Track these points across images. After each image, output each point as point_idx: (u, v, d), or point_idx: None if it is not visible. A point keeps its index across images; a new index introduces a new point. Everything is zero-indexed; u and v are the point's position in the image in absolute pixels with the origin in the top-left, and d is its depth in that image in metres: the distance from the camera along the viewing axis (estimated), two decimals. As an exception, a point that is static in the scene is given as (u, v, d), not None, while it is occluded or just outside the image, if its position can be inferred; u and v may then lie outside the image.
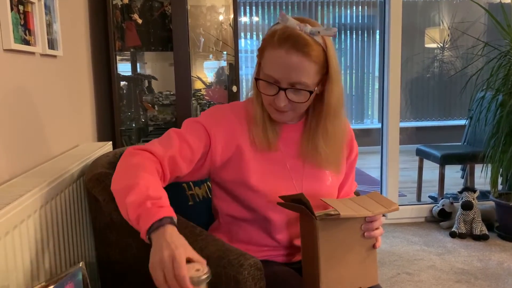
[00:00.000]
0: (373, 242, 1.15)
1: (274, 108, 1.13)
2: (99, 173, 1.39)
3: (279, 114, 1.15)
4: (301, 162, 1.22)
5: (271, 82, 1.09)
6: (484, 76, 3.01)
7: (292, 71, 1.07)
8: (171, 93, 2.64)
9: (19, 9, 1.34)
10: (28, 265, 1.13)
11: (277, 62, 1.07)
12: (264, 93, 1.12)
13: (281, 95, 1.09)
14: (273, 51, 1.07)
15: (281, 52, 1.06)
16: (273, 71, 1.08)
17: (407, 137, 6.19)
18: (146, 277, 1.26)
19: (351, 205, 1.08)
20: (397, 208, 1.11)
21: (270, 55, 1.08)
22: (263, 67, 1.11)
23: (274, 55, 1.07)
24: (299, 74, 1.07)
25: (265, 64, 1.10)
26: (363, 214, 1.07)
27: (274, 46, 1.07)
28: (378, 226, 1.13)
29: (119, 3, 2.49)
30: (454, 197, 3.26)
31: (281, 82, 1.09)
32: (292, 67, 1.06)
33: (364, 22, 6.73)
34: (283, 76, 1.07)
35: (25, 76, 1.41)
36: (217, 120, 1.17)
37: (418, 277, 2.46)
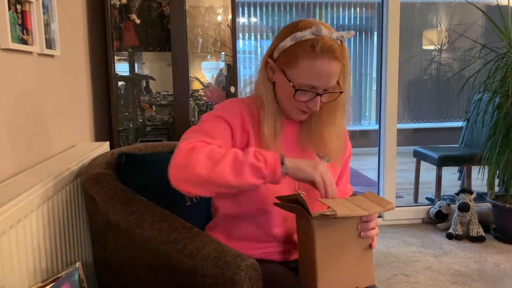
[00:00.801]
0: (369, 242, 1.16)
1: (302, 110, 1.19)
2: (97, 173, 1.39)
3: (303, 115, 1.22)
4: (299, 156, 1.25)
5: (308, 89, 1.15)
6: (481, 78, 3.02)
7: (331, 78, 1.15)
8: (169, 94, 2.64)
9: (17, 8, 1.34)
10: (24, 265, 1.12)
11: (319, 72, 1.13)
12: (299, 100, 1.17)
13: (317, 99, 1.17)
14: (314, 62, 1.12)
15: (324, 63, 1.12)
16: (316, 81, 1.14)
17: (404, 138, 6.20)
18: (143, 277, 1.26)
19: (347, 205, 1.09)
20: (393, 207, 1.12)
21: (310, 66, 1.13)
22: (298, 77, 1.15)
23: (317, 66, 1.12)
24: (335, 78, 1.16)
25: (304, 74, 1.14)
26: (359, 214, 1.07)
27: (316, 57, 1.12)
28: (374, 226, 1.15)
29: (117, 3, 2.48)
30: (451, 198, 3.27)
31: (320, 89, 1.16)
32: (332, 74, 1.14)
33: (362, 23, 6.74)
34: (324, 83, 1.15)
35: (22, 76, 1.41)
36: (233, 113, 1.20)
37: (414, 278, 2.46)
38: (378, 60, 3.34)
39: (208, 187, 1.04)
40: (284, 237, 1.26)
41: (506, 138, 2.92)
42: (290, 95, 1.17)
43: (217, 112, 1.20)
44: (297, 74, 1.14)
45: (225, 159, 1.03)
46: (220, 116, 1.18)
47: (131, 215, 1.25)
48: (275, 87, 1.22)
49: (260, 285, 1.12)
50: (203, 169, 1.01)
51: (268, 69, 1.21)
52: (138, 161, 1.45)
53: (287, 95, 1.18)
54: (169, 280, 1.20)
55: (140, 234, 1.22)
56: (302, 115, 1.21)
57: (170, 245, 1.18)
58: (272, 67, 1.20)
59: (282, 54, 1.17)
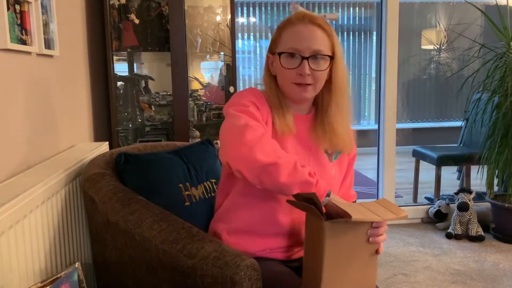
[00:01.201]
0: (377, 247, 1.16)
1: (297, 84, 1.22)
2: (96, 173, 1.39)
3: (302, 91, 1.23)
4: (308, 151, 1.27)
5: (294, 53, 1.20)
6: (480, 77, 3.02)
7: (312, 40, 1.20)
8: (168, 94, 2.64)
9: (16, 8, 1.33)
10: (23, 266, 1.12)
11: (298, 34, 1.20)
12: (288, 67, 1.21)
13: (305, 63, 1.20)
14: (292, 28, 1.22)
15: (301, 26, 1.21)
16: (296, 43, 1.20)
17: (403, 138, 6.20)
18: (142, 278, 1.26)
19: (361, 210, 1.09)
20: (406, 216, 1.11)
21: (290, 31, 1.22)
22: (282, 46, 1.22)
23: (295, 30, 1.21)
24: (318, 42, 1.20)
25: (286, 41, 1.22)
26: (372, 219, 1.07)
27: (293, 23, 1.22)
28: (383, 232, 1.15)
29: (116, 3, 2.48)
30: (450, 198, 3.27)
31: (303, 52, 1.20)
32: (312, 36, 1.20)
33: (361, 23, 6.75)
34: (305, 45, 1.19)
35: (21, 76, 1.40)
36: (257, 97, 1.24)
37: (414, 278, 2.47)
38: (377, 60, 3.34)
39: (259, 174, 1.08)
40: (290, 229, 1.26)
41: (505, 138, 2.93)
42: (283, 70, 1.22)
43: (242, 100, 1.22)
44: (281, 45, 1.23)
45: (287, 159, 1.09)
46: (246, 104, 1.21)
47: (131, 215, 1.25)
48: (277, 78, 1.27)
49: (260, 285, 1.12)
50: (268, 157, 1.07)
51: (269, 64, 1.28)
52: (137, 161, 1.45)
53: (281, 72, 1.24)
54: (169, 280, 1.20)
55: (140, 234, 1.22)
56: (300, 90, 1.23)
57: (170, 245, 1.18)
58: (270, 58, 1.27)
59: (272, 42, 1.27)
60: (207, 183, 1.56)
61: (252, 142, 1.08)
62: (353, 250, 1.11)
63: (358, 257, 1.12)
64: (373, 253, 1.15)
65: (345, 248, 1.10)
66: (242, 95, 1.24)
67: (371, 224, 1.12)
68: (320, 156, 1.29)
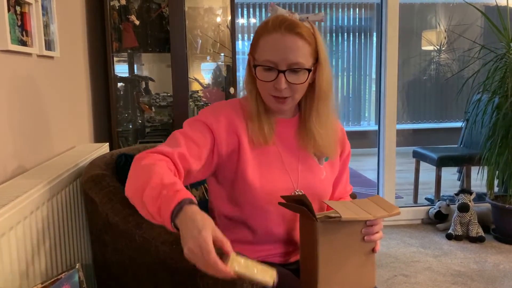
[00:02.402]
0: (373, 246, 1.14)
1: (274, 96, 1.16)
2: (96, 175, 1.39)
3: (279, 103, 1.17)
4: (297, 156, 1.24)
5: (270, 66, 1.13)
6: (480, 78, 3.03)
7: (289, 52, 1.11)
8: (168, 95, 2.64)
9: (16, 10, 1.34)
10: (24, 267, 1.12)
11: (274, 45, 1.11)
12: (264, 80, 1.14)
13: (281, 77, 1.12)
14: (268, 37, 1.12)
15: (277, 35, 1.11)
16: (271, 55, 1.12)
17: (403, 139, 6.20)
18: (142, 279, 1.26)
19: (353, 208, 1.08)
20: (399, 213, 1.10)
21: (266, 41, 1.13)
22: (259, 56, 1.15)
23: (270, 39, 1.12)
24: (296, 54, 1.11)
25: (262, 51, 1.14)
26: (364, 218, 1.06)
27: (269, 31, 1.12)
28: (378, 230, 1.13)
29: (117, 4, 2.48)
30: (450, 199, 3.27)
31: (280, 65, 1.12)
32: (289, 48, 1.11)
33: (361, 24, 6.75)
34: (281, 57, 1.11)
35: (22, 77, 1.41)
36: (216, 115, 1.19)
37: (414, 279, 2.46)
38: (377, 61, 3.34)
39: None
40: (285, 237, 1.25)
41: (506, 139, 2.93)
42: (259, 81, 1.16)
43: (200, 116, 1.20)
44: (258, 54, 1.15)
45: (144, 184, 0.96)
46: (201, 120, 1.18)
47: (131, 216, 1.25)
48: None
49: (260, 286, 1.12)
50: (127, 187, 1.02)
51: (250, 65, 1.21)
52: (138, 162, 1.45)
53: (258, 82, 1.18)
54: (169, 281, 1.20)
55: (140, 235, 1.22)
56: (275, 103, 1.17)
57: (170, 246, 1.18)
58: (250, 60, 1.20)
59: (252, 45, 1.19)
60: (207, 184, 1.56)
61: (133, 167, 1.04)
62: (347, 249, 1.10)
63: (353, 256, 1.11)
64: (369, 251, 1.14)
65: (340, 247, 1.09)
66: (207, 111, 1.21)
67: (364, 223, 1.11)
68: (308, 160, 1.25)
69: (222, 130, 1.17)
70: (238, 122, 1.19)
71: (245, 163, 1.18)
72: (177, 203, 0.90)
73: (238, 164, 1.19)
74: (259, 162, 1.20)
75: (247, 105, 1.21)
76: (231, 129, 1.18)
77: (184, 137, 1.13)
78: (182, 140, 1.12)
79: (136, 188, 0.99)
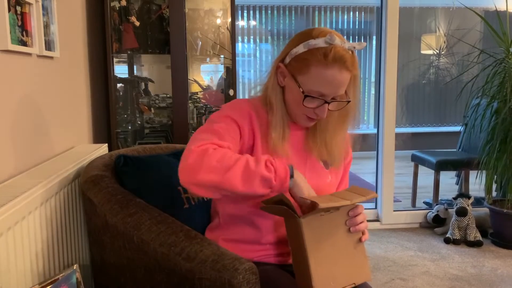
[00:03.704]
0: (359, 235, 1.17)
1: (309, 116, 1.21)
2: (95, 175, 1.39)
3: (310, 122, 1.23)
4: (304, 158, 1.27)
5: (317, 96, 1.17)
6: (479, 83, 3.03)
7: (340, 86, 1.17)
8: (168, 96, 2.64)
9: (17, 10, 1.34)
10: (22, 267, 1.12)
11: (330, 81, 1.15)
12: (308, 106, 1.18)
13: (325, 107, 1.18)
14: (326, 71, 1.14)
15: (335, 72, 1.14)
16: (325, 89, 1.16)
17: (402, 142, 6.21)
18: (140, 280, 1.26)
19: (330, 198, 1.10)
20: (376, 195, 1.14)
21: (322, 73, 1.14)
22: (308, 83, 1.17)
23: (328, 74, 1.14)
24: (344, 87, 1.18)
25: (314, 81, 1.16)
26: (341, 204, 1.08)
27: (327, 66, 1.14)
28: (362, 219, 1.17)
29: (117, 5, 2.49)
30: (448, 203, 3.27)
31: (328, 97, 1.17)
32: (342, 83, 1.16)
33: (360, 27, 6.76)
34: (333, 92, 1.17)
35: (21, 77, 1.41)
36: (241, 112, 1.22)
37: (412, 282, 2.46)
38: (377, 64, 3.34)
39: (218, 191, 1.06)
40: (278, 242, 1.27)
41: (504, 143, 2.93)
42: (299, 101, 1.18)
43: (226, 112, 1.21)
44: (308, 80, 1.16)
45: (236, 166, 1.05)
46: (229, 116, 1.19)
47: (129, 217, 1.25)
48: (285, 91, 1.23)
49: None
50: (214, 175, 1.03)
51: (278, 74, 1.23)
52: (137, 164, 1.45)
53: (296, 100, 1.20)
54: (167, 283, 1.20)
55: (138, 237, 1.22)
56: (309, 121, 1.23)
57: (168, 247, 1.18)
58: (283, 72, 1.22)
59: (294, 60, 1.19)
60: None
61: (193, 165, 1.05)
62: (335, 242, 1.12)
63: (342, 248, 1.14)
64: (357, 241, 1.16)
65: (326, 241, 1.11)
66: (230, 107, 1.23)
67: (347, 214, 1.14)
68: (315, 163, 1.28)
69: (246, 127, 1.21)
70: (256, 122, 1.22)
71: None
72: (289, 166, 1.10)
73: None
74: None
75: (261, 107, 1.24)
76: (251, 127, 1.21)
77: (223, 131, 1.15)
78: (225, 135, 1.15)
79: (226, 167, 1.04)
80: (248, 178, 1.05)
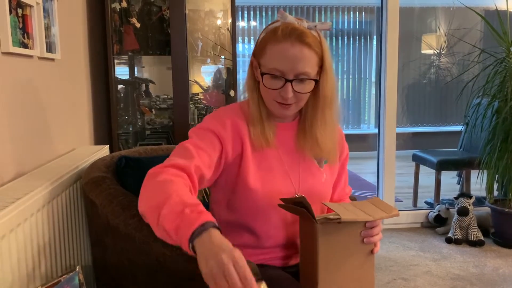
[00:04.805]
0: (372, 247, 1.16)
1: (279, 102, 1.17)
2: (96, 177, 1.39)
3: (283, 109, 1.18)
4: (297, 159, 1.25)
5: (277, 75, 1.13)
6: (480, 82, 3.03)
7: (298, 62, 1.12)
8: (169, 97, 2.64)
9: (18, 12, 1.34)
10: (24, 269, 1.12)
11: (283, 55, 1.12)
12: (270, 88, 1.15)
13: (288, 86, 1.13)
14: (277, 45, 1.13)
15: (287, 45, 1.11)
16: (280, 64, 1.12)
17: (403, 142, 6.20)
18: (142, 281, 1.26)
19: (352, 210, 1.09)
20: (398, 214, 1.11)
21: (274, 49, 1.13)
22: (266, 63, 1.15)
23: (280, 48, 1.12)
24: (304, 64, 1.12)
25: (269, 58, 1.14)
26: (363, 219, 1.07)
27: (278, 40, 1.12)
28: (378, 232, 1.15)
29: (118, 7, 2.49)
30: (450, 203, 3.27)
31: (287, 74, 1.13)
32: (298, 58, 1.12)
33: (361, 27, 6.76)
34: (290, 67, 1.12)
35: (23, 79, 1.41)
36: (221, 122, 1.19)
37: (414, 282, 2.46)
38: (377, 64, 3.34)
39: None
40: (286, 241, 1.25)
41: (505, 143, 2.93)
42: (264, 88, 1.17)
43: (205, 123, 1.19)
44: (265, 60, 1.15)
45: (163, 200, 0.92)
46: (209, 128, 1.17)
47: (131, 219, 1.25)
48: None
49: (260, 289, 1.12)
50: (142, 203, 0.99)
51: (253, 68, 1.22)
52: (138, 165, 1.45)
53: (263, 88, 1.18)
54: (168, 284, 1.20)
55: (140, 238, 1.22)
56: (279, 108, 1.18)
57: (170, 248, 1.18)
58: (254, 63, 1.21)
59: (256, 47, 1.19)
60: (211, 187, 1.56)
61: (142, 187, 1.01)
62: (347, 251, 1.11)
63: (353, 258, 1.12)
64: (368, 253, 1.15)
65: (339, 249, 1.10)
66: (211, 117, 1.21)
67: (364, 224, 1.12)
68: (308, 163, 1.26)
69: (229, 136, 1.18)
70: (241, 126, 1.20)
71: (246, 167, 1.18)
72: (201, 224, 0.85)
73: (240, 168, 1.19)
74: (260, 165, 1.20)
75: (248, 109, 1.22)
76: (236, 134, 1.19)
77: (195, 147, 1.12)
78: (194, 151, 1.10)
79: (152, 205, 0.94)
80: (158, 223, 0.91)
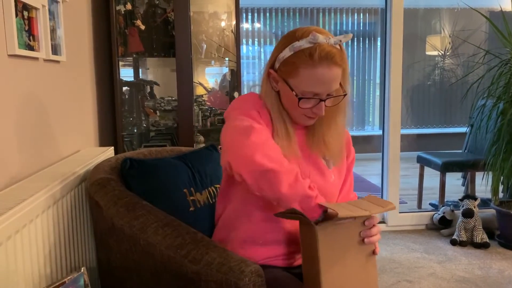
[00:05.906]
0: (372, 248, 1.17)
1: (308, 116, 1.21)
2: (101, 178, 1.39)
3: (310, 120, 1.24)
4: (307, 159, 1.27)
5: (312, 96, 1.17)
6: (485, 84, 3.02)
7: (332, 83, 1.17)
8: (173, 99, 2.65)
9: (24, 15, 1.35)
10: (29, 270, 1.13)
11: (321, 80, 1.15)
12: (305, 107, 1.19)
13: (322, 105, 1.19)
14: (314, 70, 1.14)
15: (323, 70, 1.14)
16: (318, 88, 1.16)
17: (408, 144, 6.19)
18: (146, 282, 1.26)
19: (348, 207, 1.10)
20: (394, 207, 1.13)
21: (312, 74, 1.15)
22: (299, 85, 1.17)
23: (317, 73, 1.14)
24: (336, 83, 1.18)
25: (305, 83, 1.16)
26: (360, 214, 1.08)
27: (315, 65, 1.14)
28: (376, 232, 1.16)
29: (122, 9, 2.50)
30: (455, 204, 3.26)
31: (322, 95, 1.17)
32: (332, 79, 1.16)
33: (365, 29, 6.75)
34: (326, 89, 1.17)
35: (28, 81, 1.42)
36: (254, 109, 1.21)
37: (418, 284, 2.45)
38: (382, 66, 3.34)
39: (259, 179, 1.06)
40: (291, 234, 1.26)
41: (510, 144, 2.92)
42: (295, 103, 1.19)
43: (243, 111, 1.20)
44: (299, 83, 1.17)
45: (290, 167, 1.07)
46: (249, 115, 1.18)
47: (136, 220, 1.26)
48: (280, 95, 1.24)
49: (264, 290, 1.12)
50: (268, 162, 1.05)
51: (271, 80, 1.24)
52: (143, 166, 1.46)
53: (291, 103, 1.20)
54: (173, 286, 1.20)
55: (144, 239, 1.23)
56: (308, 120, 1.23)
57: (174, 250, 1.18)
58: (275, 78, 1.22)
59: (283, 65, 1.19)
60: (212, 188, 1.57)
61: (256, 144, 1.07)
62: (348, 252, 1.12)
63: (354, 259, 1.13)
64: (369, 254, 1.16)
65: (340, 250, 1.11)
66: (243, 100, 1.24)
67: (363, 224, 1.14)
68: (318, 162, 1.28)
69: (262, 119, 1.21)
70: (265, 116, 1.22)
71: None
72: None
73: None
74: None
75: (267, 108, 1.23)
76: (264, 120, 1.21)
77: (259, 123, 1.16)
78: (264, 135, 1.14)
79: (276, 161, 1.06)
80: (295, 185, 1.06)
